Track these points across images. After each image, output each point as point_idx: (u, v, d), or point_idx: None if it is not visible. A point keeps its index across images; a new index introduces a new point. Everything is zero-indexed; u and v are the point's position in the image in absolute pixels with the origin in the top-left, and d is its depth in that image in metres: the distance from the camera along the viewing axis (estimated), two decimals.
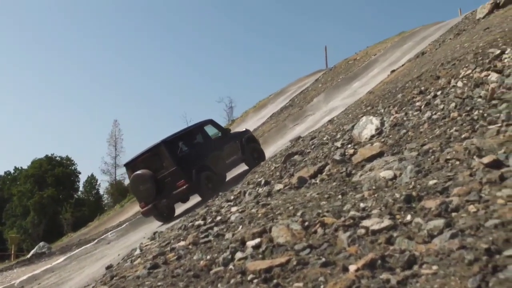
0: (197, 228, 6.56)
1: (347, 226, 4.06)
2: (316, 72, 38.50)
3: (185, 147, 14.82)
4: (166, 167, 13.99)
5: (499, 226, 3.19)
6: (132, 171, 14.67)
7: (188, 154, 14.63)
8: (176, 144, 14.58)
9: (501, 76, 7.40)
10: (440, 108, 7.25)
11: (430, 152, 5.46)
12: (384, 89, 12.97)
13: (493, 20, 15.08)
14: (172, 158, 14.01)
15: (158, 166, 14.11)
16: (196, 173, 14.07)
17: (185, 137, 15.18)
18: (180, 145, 14.62)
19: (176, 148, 14.46)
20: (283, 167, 8.69)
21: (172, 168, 13.90)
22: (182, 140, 14.94)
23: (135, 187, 14.55)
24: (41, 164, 71.52)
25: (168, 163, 13.97)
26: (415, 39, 27.88)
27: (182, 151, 14.57)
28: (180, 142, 14.76)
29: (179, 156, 14.32)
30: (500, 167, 4.25)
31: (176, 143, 14.62)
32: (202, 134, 15.84)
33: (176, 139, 14.81)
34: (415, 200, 4.19)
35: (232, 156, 15.80)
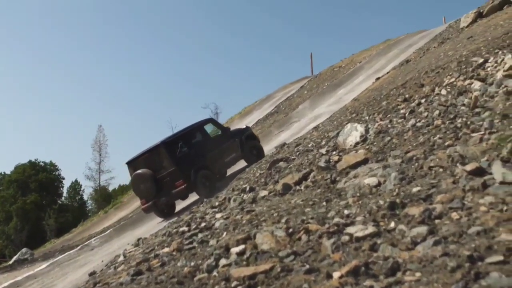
0: (182, 235, 6.54)
1: (331, 233, 4.06)
2: (302, 79, 38.61)
3: (185, 147, 15.05)
4: (165, 167, 14.42)
5: (482, 233, 3.22)
6: (133, 169, 15.10)
7: (187, 154, 14.90)
8: (175, 144, 14.90)
9: (484, 84, 7.48)
10: (424, 116, 7.31)
11: (414, 160, 5.49)
12: (369, 96, 13.05)
13: (476, 29, 15.25)
14: (171, 158, 14.42)
15: (158, 165, 14.54)
16: (194, 173, 14.44)
17: (185, 137, 15.45)
18: (180, 146, 14.90)
19: (176, 148, 14.78)
20: (268, 174, 8.69)
21: (171, 169, 14.33)
22: (182, 140, 15.20)
23: (136, 185, 14.97)
24: (24, 169, 70.81)
25: (167, 164, 14.41)
26: (400, 47, 28.10)
27: (181, 152, 14.85)
28: (179, 143, 15.04)
29: (178, 156, 14.66)
30: (483, 174, 4.28)
31: (176, 144, 14.93)
32: (201, 133, 16.14)
33: (176, 140, 15.13)
34: (399, 207, 4.21)
35: (231, 154, 16.14)
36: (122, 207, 31.08)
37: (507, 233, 3.11)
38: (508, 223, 3.24)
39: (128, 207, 29.21)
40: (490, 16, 16.39)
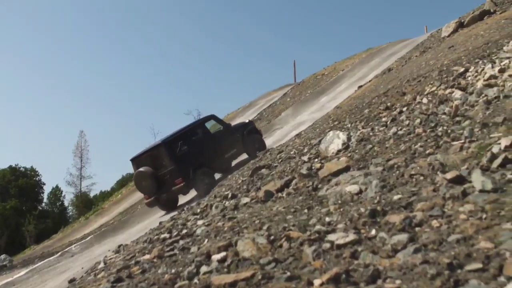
0: (163, 241, 6.51)
1: (313, 240, 4.07)
2: (285, 86, 38.72)
3: (185, 145, 15.56)
4: (166, 166, 15.00)
5: (461, 241, 3.24)
6: (136, 166, 15.67)
7: (187, 153, 15.40)
8: (175, 144, 15.43)
9: (465, 93, 7.56)
10: (405, 124, 7.36)
11: (395, 167, 5.53)
12: (351, 104, 13.12)
13: (457, 38, 15.42)
14: (171, 158, 15.00)
15: (158, 164, 15.14)
16: (193, 171, 15.01)
17: (185, 136, 15.89)
18: (180, 145, 15.43)
19: (176, 147, 15.34)
20: (250, 181, 8.69)
21: (171, 167, 14.92)
22: (182, 139, 15.69)
23: (138, 182, 15.54)
24: (4, 174, 70.05)
25: (167, 163, 14.99)
26: (382, 56, 28.31)
27: (181, 150, 15.38)
28: (179, 142, 15.55)
29: (178, 155, 15.21)
30: (463, 182, 4.32)
31: (176, 143, 15.46)
32: (202, 130, 16.62)
33: (176, 139, 15.61)
34: (380, 214, 4.23)
35: (232, 149, 16.71)
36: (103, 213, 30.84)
37: (486, 241, 3.14)
38: (487, 231, 3.27)
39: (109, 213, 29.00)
40: (471, 26, 16.61)
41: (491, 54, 9.53)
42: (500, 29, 12.49)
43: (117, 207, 28.58)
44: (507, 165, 4.35)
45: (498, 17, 15.24)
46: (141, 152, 16.02)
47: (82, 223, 35.92)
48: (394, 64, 20.17)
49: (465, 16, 19.12)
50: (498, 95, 6.65)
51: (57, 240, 33.79)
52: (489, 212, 3.52)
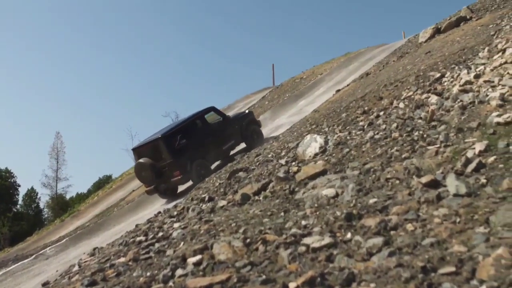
0: (138, 244, 6.45)
1: (288, 243, 4.07)
2: (263, 89, 38.69)
3: (183, 139, 15.86)
4: (164, 159, 15.42)
5: (435, 244, 3.27)
6: (138, 156, 16.15)
7: (185, 146, 15.72)
8: (174, 137, 15.73)
9: (441, 98, 7.64)
10: (382, 128, 7.41)
11: (371, 171, 5.55)
12: (329, 108, 13.18)
13: (434, 44, 15.60)
14: (169, 151, 15.38)
15: (158, 156, 15.53)
16: (191, 164, 15.48)
17: (184, 129, 16.18)
18: (179, 138, 15.73)
19: (175, 141, 15.66)
20: (228, 184, 8.66)
21: (169, 160, 15.34)
22: (181, 132, 15.98)
23: (138, 172, 15.99)
24: None
25: (165, 156, 15.40)
26: (360, 60, 28.47)
27: (180, 144, 15.69)
28: (178, 135, 15.85)
29: (176, 149, 15.56)
30: (438, 187, 4.37)
31: (175, 136, 15.76)
32: (202, 123, 16.90)
33: (175, 132, 15.89)
34: (356, 218, 4.24)
35: (230, 141, 17.18)
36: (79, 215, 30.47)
37: (459, 244, 3.17)
38: (461, 235, 3.31)
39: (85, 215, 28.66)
40: (448, 32, 16.81)
41: (467, 60, 9.65)
42: (476, 35, 12.65)
43: (93, 209, 28.28)
44: (481, 170, 4.40)
45: (474, 23, 15.45)
46: (142, 143, 16.54)
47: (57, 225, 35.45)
48: (372, 68, 20.28)
49: (442, 22, 19.34)
50: (473, 100, 6.74)
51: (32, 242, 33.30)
52: (463, 216, 3.56)
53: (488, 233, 3.22)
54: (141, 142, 16.85)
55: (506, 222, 3.27)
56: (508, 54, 8.04)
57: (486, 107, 6.23)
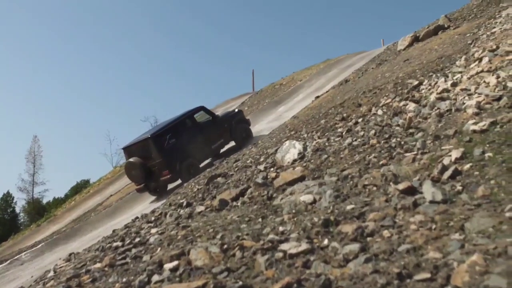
0: (115, 250, 6.39)
1: (266, 249, 4.06)
2: (243, 95, 38.64)
3: (173, 138, 16.06)
4: (154, 158, 15.61)
5: (411, 251, 3.29)
6: (128, 155, 16.38)
7: (174, 146, 15.94)
8: (163, 137, 15.91)
9: (418, 106, 7.71)
10: (360, 135, 7.45)
11: (349, 178, 5.58)
12: (308, 114, 13.23)
13: (412, 52, 15.75)
14: (159, 151, 15.59)
15: (147, 155, 15.74)
16: (180, 163, 15.71)
17: (173, 129, 16.33)
18: (168, 138, 15.93)
19: (164, 141, 15.86)
20: (206, 189, 8.64)
21: (158, 160, 15.55)
22: (170, 132, 16.15)
23: (128, 171, 16.25)
24: None
25: (155, 155, 15.60)
26: (340, 67, 28.61)
27: (169, 143, 15.91)
28: (168, 135, 16.03)
29: (165, 149, 15.76)
30: (414, 193, 4.40)
31: (164, 136, 15.94)
32: (191, 122, 17.03)
33: (164, 133, 16.03)
34: (333, 224, 4.25)
35: (219, 140, 17.37)
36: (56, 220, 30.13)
37: (434, 251, 3.19)
38: (436, 241, 3.33)
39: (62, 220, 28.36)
40: (426, 41, 17.00)
41: (444, 68, 9.77)
42: (453, 44, 12.81)
43: (70, 214, 27.98)
44: (457, 177, 4.44)
45: (452, 32, 15.65)
46: (132, 142, 16.64)
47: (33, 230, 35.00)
48: (351, 75, 20.42)
49: (420, 30, 19.57)
50: (450, 108, 6.81)
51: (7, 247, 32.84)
52: (439, 223, 3.59)
53: (463, 240, 3.24)
54: (132, 141, 16.97)
55: (480, 229, 3.30)
56: (485, 63, 8.15)
57: (463, 115, 6.30)
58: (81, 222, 20.41)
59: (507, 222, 3.28)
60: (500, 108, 5.96)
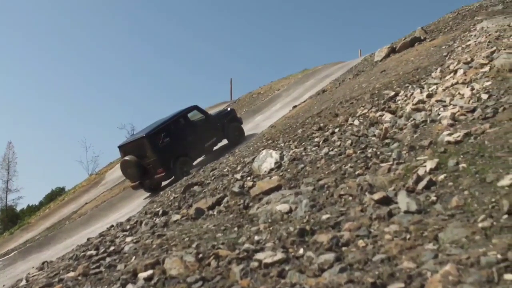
0: (89, 259, 6.32)
1: (241, 258, 4.05)
2: (221, 103, 38.63)
3: (167, 137, 16.42)
4: (149, 157, 15.98)
5: (385, 260, 3.31)
6: (123, 153, 16.66)
7: (169, 144, 16.32)
8: (158, 136, 16.28)
9: (394, 116, 7.79)
10: (337, 145, 7.49)
11: (325, 187, 5.60)
12: (286, 123, 13.25)
13: (389, 63, 15.91)
14: (153, 150, 15.95)
15: (142, 153, 16.08)
16: (174, 162, 16.12)
17: (168, 127, 16.73)
18: (162, 137, 16.30)
19: (158, 140, 16.22)
20: (182, 198, 8.60)
21: (153, 158, 15.91)
22: (165, 131, 16.53)
23: (124, 169, 16.53)
24: None
25: (150, 154, 15.95)
26: (317, 77, 28.74)
27: (163, 142, 16.28)
28: (162, 134, 16.39)
29: (160, 147, 16.12)
30: (389, 203, 4.43)
31: (159, 135, 16.31)
32: (185, 121, 17.40)
33: (159, 132, 16.39)
34: (309, 234, 4.26)
35: (212, 138, 17.80)
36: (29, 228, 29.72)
37: (409, 261, 3.21)
38: (411, 251, 3.35)
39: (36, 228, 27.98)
40: (402, 52, 17.18)
41: (420, 79, 9.88)
42: (429, 56, 12.97)
43: (45, 222, 27.60)
44: (431, 187, 4.48)
45: (428, 44, 15.84)
46: (127, 141, 17.11)
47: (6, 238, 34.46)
48: (328, 85, 20.51)
49: (397, 42, 19.78)
50: (426, 119, 6.89)
51: None
52: (413, 233, 3.62)
53: (436, 250, 3.27)
54: (127, 140, 17.50)
55: (454, 239, 3.33)
56: (460, 75, 8.26)
57: (438, 126, 6.37)
58: (55, 230, 20.15)
59: (479, 233, 3.31)
60: (474, 120, 6.05)
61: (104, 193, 22.03)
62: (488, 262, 2.89)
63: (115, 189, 21.48)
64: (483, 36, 11.23)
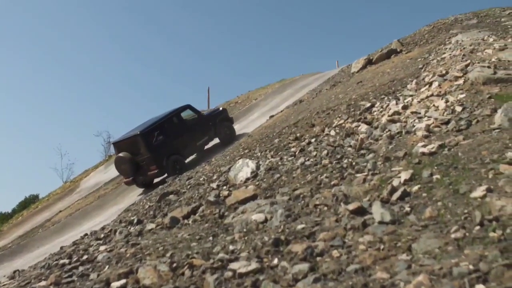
0: (61, 267, 6.24)
1: (215, 268, 4.03)
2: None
3: (160, 135, 16.84)
4: (142, 154, 16.36)
5: (359, 271, 3.32)
6: (118, 150, 17.19)
7: (162, 142, 16.74)
8: (152, 134, 16.66)
9: (370, 127, 7.84)
10: (313, 155, 7.51)
11: (300, 197, 5.61)
12: (262, 133, 13.25)
13: (366, 74, 16.04)
14: (147, 147, 16.29)
15: (136, 151, 16.48)
16: (167, 159, 16.50)
17: (162, 126, 17.11)
18: (156, 135, 16.70)
19: (152, 138, 16.60)
20: (157, 206, 8.54)
21: (147, 156, 16.27)
22: (159, 129, 16.94)
23: (118, 165, 17.04)
24: None
25: (144, 151, 16.31)
26: (295, 87, 28.83)
27: (157, 140, 16.67)
28: (156, 132, 16.79)
29: (154, 145, 16.50)
30: (364, 214, 4.45)
31: (153, 133, 16.70)
32: (178, 120, 17.84)
33: (153, 130, 16.78)
34: (283, 243, 4.26)
35: (204, 137, 18.23)
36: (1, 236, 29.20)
37: (382, 271, 3.23)
38: (384, 262, 3.37)
39: (8, 236, 27.53)
40: (379, 64, 17.35)
41: (396, 91, 9.98)
42: (405, 68, 13.11)
43: (17, 230, 27.14)
44: (405, 198, 4.52)
45: (404, 56, 16.02)
46: (122, 138, 17.35)
47: None
48: (305, 96, 20.60)
49: (373, 53, 19.95)
50: (401, 130, 6.95)
51: None
52: (387, 243, 3.64)
53: (410, 261, 3.29)
54: (121, 137, 17.64)
55: (427, 250, 3.36)
56: (435, 87, 8.37)
57: (413, 137, 6.44)
58: (28, 238, 19.86)
59: (452, 243, 3.35)
60: (449, 132, 6.12)
61: (78, 201, 21.76)
62: (460, 272, 2.92)
63: (89, 197, 21.24)
64: (458, 50, 11.40)
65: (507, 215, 3.57)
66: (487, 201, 3.84)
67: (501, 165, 4.45)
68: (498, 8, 19.54)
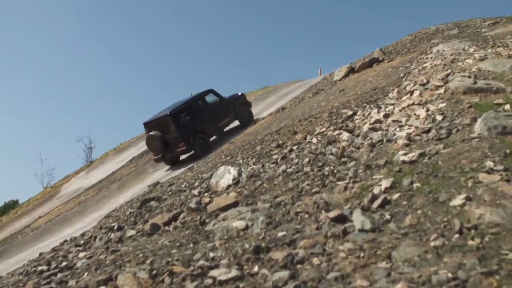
0: (40, 274, 6.17)
1: (195, 275, 4.01)
2: None
3: (187, 116, 18.49)
4: (172, 132, 17.97)
5: (339, 278, 3.32)
6: (148, 129, 18.63)
7: (189, 122, 18.35)
8: (180, 114, 18.30)
9: (352, 135, 7.88)
10: (295, 162, 7.52)
11: (282, 204, 5.61)
12: (245, 140, 13.26)
13: (348, 83, 16.13)
14: (176, 126, 17.94)
15: (166, 129, 18.11)
16: (194, 137, 18.05)
17: (188, 107, 18.81)
18: (184, 115, 18.35)
19: (180, 118, 18.24)
20: (138, 213, 8.49)
21: (175, 134, 17.86)
22: (186, 110, 18.60)
23: (149, 143, 18.48)
24: None
25: (173, 130, 17.96)
26: (278, 94, 28.89)
27: (184, 120, 18.29)
28: (183, 113, 18.43)
29: (182, 124, 18.12)
30: (345, 221, 4.46)
31: (181, 114, 18.36)
32: (202, 102, 19.58)
33: (181, 111, 18.43)
34: (264, 251, 4.25)
35: (226, 118, 19.94)
36: None
37: (362, 279, 3.23)
38: (364, 269, 3.38)
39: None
40: (361, 72, 17.46)
41: (378, 99, 10.04)
42: (387, 76, 13.21)
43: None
44: (386, 206, 4.54)
45: (386, 65, 16.15)
46: (152, 119, 18.83)
47: None
48: (288, 103, 20.65)
49: (356, 62, 20.09)
50: (382, 138, 6.99)
51: None
52: (367, 251, 3.65)
53: (389, 268, 3.30)
54: (152, 117, 19.07)
55: (407, 258, 3.37)
56: (416, 96, 8.44)
57: (394, 145, 6.47)
58: (6, 245, 19.61)
59: (431, 251, 3.37)
60: (429, 140, 6.17)
61: (58, 207, 21.58)
62: (439, 280, 2.94)
63: (70, 203, 21.08)
64: (439, 59, 11.52)
65: (485, 223, 3.60)
66: (466, 210, 3.88)
67: (480, 174, 4.50)
68: (478, 18, 19.83)
